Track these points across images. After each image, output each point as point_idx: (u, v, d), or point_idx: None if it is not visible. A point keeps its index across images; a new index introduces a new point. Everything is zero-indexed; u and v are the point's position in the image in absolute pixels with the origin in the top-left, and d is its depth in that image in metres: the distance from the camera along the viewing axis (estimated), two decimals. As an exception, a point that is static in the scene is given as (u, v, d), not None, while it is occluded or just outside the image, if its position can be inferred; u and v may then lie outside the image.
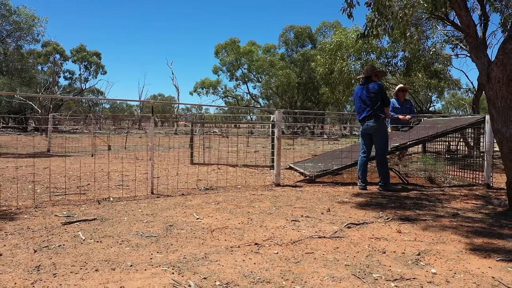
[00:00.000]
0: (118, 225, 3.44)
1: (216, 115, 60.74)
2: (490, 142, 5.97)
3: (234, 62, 38.25)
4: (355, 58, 10.78)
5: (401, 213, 4.12)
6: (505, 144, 4.31)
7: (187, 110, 78.78)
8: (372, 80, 5.73)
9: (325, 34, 36.41)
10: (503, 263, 2.63)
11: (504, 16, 11.09)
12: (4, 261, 2.51)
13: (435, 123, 7.06)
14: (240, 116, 42.87)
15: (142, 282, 2.22)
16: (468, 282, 2.30)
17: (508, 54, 4.21)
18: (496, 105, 4.33)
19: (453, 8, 4.63)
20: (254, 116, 61.16)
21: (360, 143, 6.10)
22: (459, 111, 52.18)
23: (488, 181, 6.01)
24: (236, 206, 4.34)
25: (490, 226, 3.66)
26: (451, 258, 2.72)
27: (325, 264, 2.56)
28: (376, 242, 3.08)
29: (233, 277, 2.32)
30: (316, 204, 4.54)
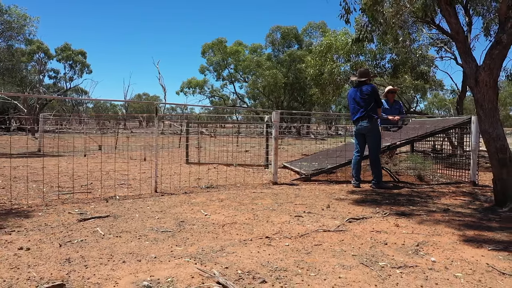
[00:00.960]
0: (132, 222, 3.60)
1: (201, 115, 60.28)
2: (476, 142, 6.29)
3: (221, 62, 38.34)
4: (344, 60, 11.06)
5: (396, 209, 4.37)
6: (492, 143, 4.60)
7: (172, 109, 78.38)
8: (365, 83, 5.99)
9: (311, 34, 36.82)
10: (494, 252, 2.89)
11: (486, 21, 11.51)
12: (34, 255, 2.65)
13: (423, 123, 7.37)
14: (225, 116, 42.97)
15: (169, 272, 2.40)
16: (465, 268, 2.54)
17: (495, 59, 4.50)
18: (484, 107, 4.61)
19: (444, 16, 4.90)
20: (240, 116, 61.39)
21: (354, 142, 6.36)
22: (441, 111, 53.28)
23: (474, 178, 6.33)
24: (239, 204, 4.54)
25: (479, 220, 3.93)
26: (447, 248, 2.96)
27: (334, 255, 2.78)
28: (377, 235, 3.31)
29: (252, 266, 2.51)
30: (315, 201, 4.76)
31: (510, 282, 2.33)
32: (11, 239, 2.98)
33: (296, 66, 33.69)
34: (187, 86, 41.23)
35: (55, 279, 2.25)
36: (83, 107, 52.71)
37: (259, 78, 34.06)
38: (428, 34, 11.05)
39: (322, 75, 11.03)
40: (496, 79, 4.63)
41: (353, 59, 10.95)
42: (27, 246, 2.80)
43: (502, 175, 4.53)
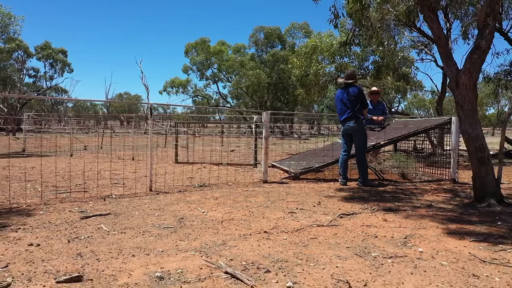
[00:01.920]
0: (133, 219, 3.73)
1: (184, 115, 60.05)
2: (456, 141, 6.61)
3: (204, 62, 38.32)
4: (329, 61, 11.34)
5: (383, 205, 4.61)
6: (471, 143, 4.88)
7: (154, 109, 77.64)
8: (352, 84, 6.22)
9: (294, 35, 37.21)
10: (475, 243, 3.13)
11: (464, 25, 11.95)
12: (46, 250, 2.76)
13: (406, 123, 7.67)
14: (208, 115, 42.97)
15: (178, 264, 2.55)
16: (449, 257, 2.77)
17: (474, 63, 4.79)
18: (464, 108, 4.89)
19: (426, 22, 5.17)
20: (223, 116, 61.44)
21: (340, 142, 6.60)
22: (420, 111, 54.49)
23: (454, 176, 6.65)
24: (234, 201, 4.70)
25: (460, 214, 4.20)
26: (433, 240, 3.20)
27: (329, 247, 2.97)
28: (367, 229, 3.53)
29: (254, 258, 2.69)
30: (306, 198, 4.97)
31: (490, 269, 2.56)
32: (19, 236, 3.08)
33: (279, 66, 34.00)
34: (170, 86, 41.05)
35: (71, 272, 2.37)
36: (63, 107, 51.85)
37: (243, 78, 34.23)
38: (409, 37, 11.42)
39: (307, 76, 11.28)
40: (475, 82, 4.92)
41: (337, 60, 11.24)
42: (36, 243, 2.91)
43: (481, 173, 4.81)
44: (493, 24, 4.76)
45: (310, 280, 2.32)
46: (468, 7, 11.38)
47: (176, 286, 2.21)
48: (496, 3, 4.74)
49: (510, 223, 3.77)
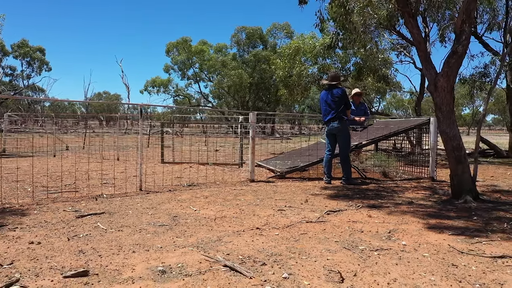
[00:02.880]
0: (128, 217, 3.83)
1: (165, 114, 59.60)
2: (434, 141, 6.90)
3: (186, 61, 38.23)
4: (312, 63, 11.57)
5: (367, 202, 4.83)
6: (449, 142, 5.14)
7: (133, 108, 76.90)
8: (336, 86, 6.44)
9: (275, 35, 37.51)
10: (454, 236, 3.36)
11: (441, 28, 12.37)
12: (47, 248, 2.85)
13: (387, 123, 7.95)
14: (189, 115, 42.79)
15: (178, 259, 2.68)
16: (430, 249, 2.98)
17: (452, 67, 5.05)
18: (442, 110, 5.15)
19: (407, 27, 5.41)
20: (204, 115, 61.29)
21: (324, 142, 6.81)
22: (399, 111, 55.64)
23: (432, 174, 6.94)
24: (224, 200, 4.84)
25: (439, 210, 4.44)
26: (415, 234, 3.41)
27: (319, 241, 3.15)
28: (353, 224, 3.73)
29: (250, 252, 2.84)
30: (293, 196, 5.15)
31: (467, 259, 2.78)
32: (18, 235, 3.15)
33: (261, 66, 34.23)
34: (151, 85, 40.79)
35: (76, 267, 2.48)
36: (40, 106, 50.82)
37: (225, 78, 34.30)
38: (389, 39, 11.76)
39: (291, 77, 11.49)
40: (453, 85, 5.19)
41: (320, 62, 11.48)
42: (37, 241, 2.99)
43: (458, 171, 5.08)
44: (469, 30, 5.03)
45: (304, 271, 2.49)
46: (445, 11, 11.79)
47: (179, 279, 2.34)
48: (471, 10, 5.02)
49: (485, 218, 4.03)
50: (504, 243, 3.15)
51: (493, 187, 6.20)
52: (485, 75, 13.14)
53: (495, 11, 12.80)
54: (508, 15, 11.91)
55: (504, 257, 2.81)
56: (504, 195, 5.50)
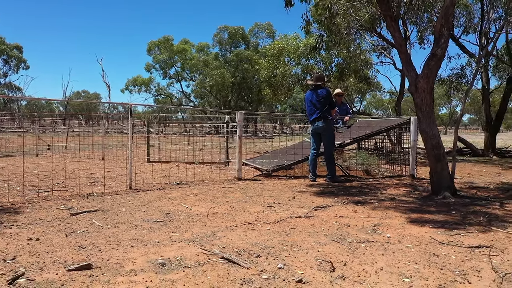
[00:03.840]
0: (121, 215, 3.91)
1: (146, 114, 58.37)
2: (414, 140, 7.16)
3: (168, 60, 37.99)
4: (296, 63, 11.77)
5: (352, 199, 5.02)
6: (429, 141, 5.38)
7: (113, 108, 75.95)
8: (320, 87, 6.62)
9: (257, 35, 37.66)
10: (434, 229, 3.57)
11: (420, 30, 12.73)
12: (47, 244, 2.92)
13: (369, 123, 8.19)
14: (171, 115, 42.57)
15: (176, 252, 2.80)
16: (413, 241, 3.18)
17: (431, 69, 5.29)
18: (422, 110, 5.39)
19: (389, 30, 5.64)
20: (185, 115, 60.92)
21: (309, 141, 6.99)
22: (379, 110, 56.62)
23: (413, 172, 7.20)
24: (213, 197, 4.96)
25: (420, 206, 4.66)
26: (398, 228, 3.61)
27: (309, 235, 3.31)
28: (340, 219, 3.90)
29: (244, 245, 2.97)
30: (281, 193, 5.30)
31: (447, 249, 2.98)
32: (15, 232, 3.21)
33: (243, 66, 34.32)
34: (132, 84, 40.38)
35: (78, 261, 2.57)
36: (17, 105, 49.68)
37: (207, 78, 34.27)
38: (370, 41, 12.06)
39: (275, 77, 11.66)
40: (432, 86, 5.43)
41: (303, 62, 11.69)
42: (35, 237, 3.06)
43: (437, 169, 5.32)
44: (448, 34, 5.28)
45: (297, 262, 2.64)
46: (423, 14, 12.15)
47: (179, 271, 2.46)
48: (450, 15, 5.27)
49: (463, 212, 4.27)
50: (480, 235, 3.37)
51: (469, 184, 6.49)
52: (461, 76, 13.61)
53: (471, 14, 13.27)
54: (483, 19, 12.35)
55: (481, 247, 3.02)
56: (480, 191, 5.77)
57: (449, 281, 2.36)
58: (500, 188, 6.04)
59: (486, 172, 8.13)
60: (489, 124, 12.76)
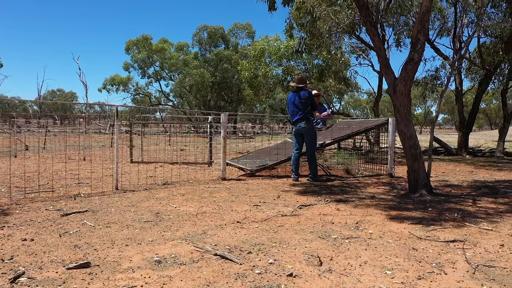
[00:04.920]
0: (111, 215, 3.98)
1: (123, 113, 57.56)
2: (392, 140, 7.44)
3: (146, 59, 37.68)
4: (277, 64, 11.95)
5: (334, 197, 5.21)
6: (406, 141, 5.63)
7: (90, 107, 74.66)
8: (303, 88, 6.81)
9: (237, 35, 37.78)
10: (412, 225, 3.78)
11: (397, 33, 13.10)
12: (42, 244, 2.99)
13: (349, 124, 8.44)
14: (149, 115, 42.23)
15: (170, 250, 2.91)
16: (393, 236, 3.38)
17: (409, 73, 5.53)
18: (400, 112, 5.63)
19: (369, 35, 5.86)
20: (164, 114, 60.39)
21: (292, 141, 7.17)
22: (356, 110, 57.60)
23: (391, 171, 7.47)
24: (200, 197, 5.07)
25: (398, 203, 4.89)
26: (379, 224, 3.81)
27: (296, 232, 3.47)
28: (324, 217, 4.08)
29: (235, 243, 3.11)
30: (266, 193, 5.46)
31: (425, 243, 3.19)
32: (8, 233, 3.25)
33: (223, 65, 34.36)
34: (110, 83, 39.86)
35: (76, 260, 2.65)
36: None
37: (186, 77, 34.16)
38: (349, 43, 12.35)
39: (256, 78, 11.81)
40: (410, 89, 5.68)
41: (284, 63, 11.88)
42: (30, 238, 3.11)
43: (414, 167, 5.58)
44: (424, 40, 5.53)
45: (286, 257, 2.79)
46: (400, 16, 12.53)
47: (175, 267, 2.58)
48: (425, 21, 5.52)
49: (438, 209, 4.51)
50: (455, 230, 3.60)
51: (444, 182, 6.79)
52: (436, 78, 14.09)
53: (445, 18, 13.74)
54: (456, 23, 12.82)
55: (455, 241, 3.24)
56: (454, 189, 6.07)
57: (427, 272, 2.56)
58: (472, 186, 6.35)
59: (459, 171, 8.50)
60: (462, 125, 13.25)
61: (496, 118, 54.06)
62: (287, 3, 5.91)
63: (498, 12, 11.97)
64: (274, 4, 5.92)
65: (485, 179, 7.25)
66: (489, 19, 12.13)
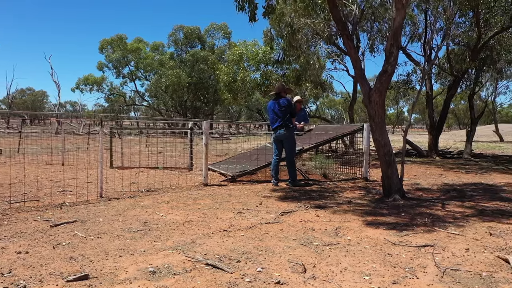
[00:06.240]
0: (100, 225, 4.10)
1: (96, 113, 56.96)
2: (367, 145, 7.77)
3: (121, 59, 37.21)
4: (255, 69, 12.17)
5: (313, 203, 5.47)
6: (381, 149, 5.94)
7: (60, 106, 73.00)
8: (282, 96, 7.04)
9: (213, 35, 37.79)
10: (387, 231, 4.07)
11: (371, 39, 13.52)
12: (37, 256, 3.10)
13: (326, 129, 8.74)
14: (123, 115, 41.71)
15: (163, 260, 3.07)
16: (370, 242, 3.64)
17: (383, 84, 5.84)
18: (375, 120, 5.93)
19: (345, 47, 6.14)
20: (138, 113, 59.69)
21: (271, 147, 7.40)
22: (331, 110, 58.67)
23: (366, 175, 7.81)
24: (185, 204, 5.23)
25: (374, 208, 5.19)
26: (356, 230, 4.07)
27: (280, 240, 3.69)
28: (305, 223, 4.32)
29: (224, 252, 3.30)
30: (248, 199, 5.66)
31: (398, 249, 3.47)
32: (1, 246, 3.33)
33: (199, 66, 34.31)
34: (84, 83, 39.17)
35: (74, 272, 2.78)
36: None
37: (162, 77, 33.94)
38: (326, 49, 12.70)
39: (235, 82, 11.99)
40: (384, 99, 5.99)
41: (262, 68, 12.11)
42: (24, 250, 3.21)
43: (388, 174, 5.89)
44: (397, 53, 5.85)
45: (273, 265, 3.01)
46: (373, 23, 12.95)
47: (169, 278, 2.75)
48: (398, 35, 5.84)
49: (411, 214, 4.82)
50: (425, 235, 3.90)
51: (415, 186, 7.16)
52: (408, 82, 14.62)
53: (416, 24, 14.27)
54: (427, 28, 13.34)
55: (426, 246, 3.53)
56: (425, 193, 6.43)
57: (401, 277, 2.82)
58: (442, 190, 6.74)
59: (430, 174, 8.93)
60: (432, 128, 13.81)
61: (465, 118, 55.98)
62: (267, 15, 6.12)
63: (466, 21, 12.57)
64: (255, 16, 6.12)
65: (454, 182, 7.68)
66: (457, 27, 12.73)
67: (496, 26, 11.59)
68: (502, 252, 3.33)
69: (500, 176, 8.63)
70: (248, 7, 5.71)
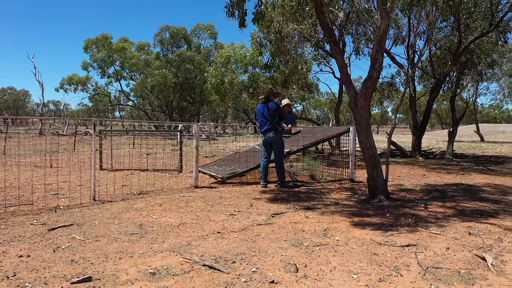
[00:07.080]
0: (97, 228, 4.21)
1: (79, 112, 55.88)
2: (353, 148, 8.00)
3: (106, 59, 36.93)
4: (243, 71, 12.33)
5: (302, 204, 5.65)
6: (366, 151, 6.17)
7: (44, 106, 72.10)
8: (270, 100, 7.22)
9: (199, 35, 37.82)
10: (373, 231, 4.27)
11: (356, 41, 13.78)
12: (39, 260, 3.20)
13: (313, 131, 8.95)
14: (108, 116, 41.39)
15: (161, 262, 3.22)
16: (357, 242, 3.84)
17: (368, 89, 6.06)
18: (361, 124, 6.16)
19: (333, 53, 6.34)
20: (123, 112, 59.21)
21: (260, 149, 7.57)
22: (317, 110, 59.20)
23: (352, 176, 8.05)
24: (177, 207, 5.36)
25: (360, 209, 5.40)
26: (344, 231, 4.27)
27: (272, 241, 3.86)
28: (295, 225, 4.50)
29: (219, 253, 3.45)
30: (239, 201, 5.82)
31: (384, 248, 3.67)
32: (2, 250, 3.43)
33: (185, 66, 34.28)
34: (68, 83, 38.74)
35: (77, 275, 2.91)
36: None
37: (148, 77, 33.82)
38: (313, 52, 12.92)
39: (223, 84, 12.13)
40: (369, 103, 6.21)
41: (250, 70, 12.28)
42: (25, 254, 3.32)
43: (374, 175, 6.12)
44: (382, 59, 6.08)
45: (267, 266, 3.18)
46: (358, 26, 13.21)
47: (169, 278, 2.89)
48: (383, 42, 6.08)
49: (395, 214, 5.05)
50: (409, 235, 4.12)
51: (399, 186, 7.42)
52: (392, 84, 14.96)
53: (400, 28, 14.61)
54: (410, 32, 13.68)
55: (410, 245, 3.75)
56: (409, 193, 6.69)
57: (387, 275, 3.02)
58: (425, 190, 7.01)
59: (413, 174, 9.22)
60: (415, 129, 14.17)
61: (447, 118, 57.07)
62: (256, 21, 6.29)
63: (447, 26, 12.94)
64: (244, 22, 6.28)
65: (436, 182, 7.96)
66: (439, 31, 13.09)
67: (476, 31, 11.99)
68: (479, 251, 3.56)
69: (480, 176, 8.97)
70: (238, 13, 5.87)
